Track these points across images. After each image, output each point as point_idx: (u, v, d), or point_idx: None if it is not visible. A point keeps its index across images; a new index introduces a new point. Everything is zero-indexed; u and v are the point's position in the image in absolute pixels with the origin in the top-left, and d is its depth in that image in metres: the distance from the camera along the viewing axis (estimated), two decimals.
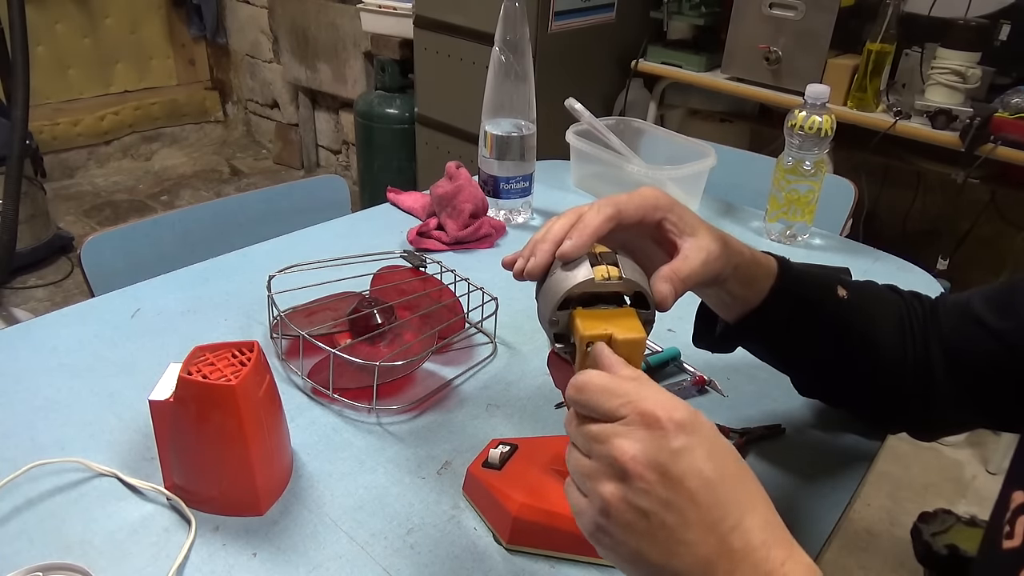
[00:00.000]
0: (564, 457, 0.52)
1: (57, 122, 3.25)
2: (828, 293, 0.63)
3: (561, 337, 0.53)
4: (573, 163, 1.25)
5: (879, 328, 0.63)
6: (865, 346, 0.63)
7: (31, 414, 0.69)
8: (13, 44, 2.27)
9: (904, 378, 0.63)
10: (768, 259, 0.61)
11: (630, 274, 0.51)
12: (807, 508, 0.64)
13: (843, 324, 0.63)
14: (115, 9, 3.40)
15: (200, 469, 0.59)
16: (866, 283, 0.67)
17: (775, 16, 1.89)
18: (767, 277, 0.60)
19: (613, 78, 2.24)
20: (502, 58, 1.03)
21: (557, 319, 0.51)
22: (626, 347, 0.47)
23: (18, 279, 2.57)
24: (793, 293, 0.60)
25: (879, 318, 0.64)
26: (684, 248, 0.54)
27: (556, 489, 0.58)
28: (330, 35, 3.07)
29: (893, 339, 0.63)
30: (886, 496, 1.83)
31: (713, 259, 0.54)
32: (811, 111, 1.02)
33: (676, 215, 0.54)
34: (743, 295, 0.59)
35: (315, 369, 0.74)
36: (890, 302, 0.66)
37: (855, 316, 0.63)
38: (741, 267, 0.57)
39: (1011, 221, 2.06)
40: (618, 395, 0.40)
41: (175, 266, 0.94)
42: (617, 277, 0.50)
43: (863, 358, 0.64)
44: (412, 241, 1.04)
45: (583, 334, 0.47)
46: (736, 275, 0.57)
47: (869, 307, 0.64)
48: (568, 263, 0.51)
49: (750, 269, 0.58)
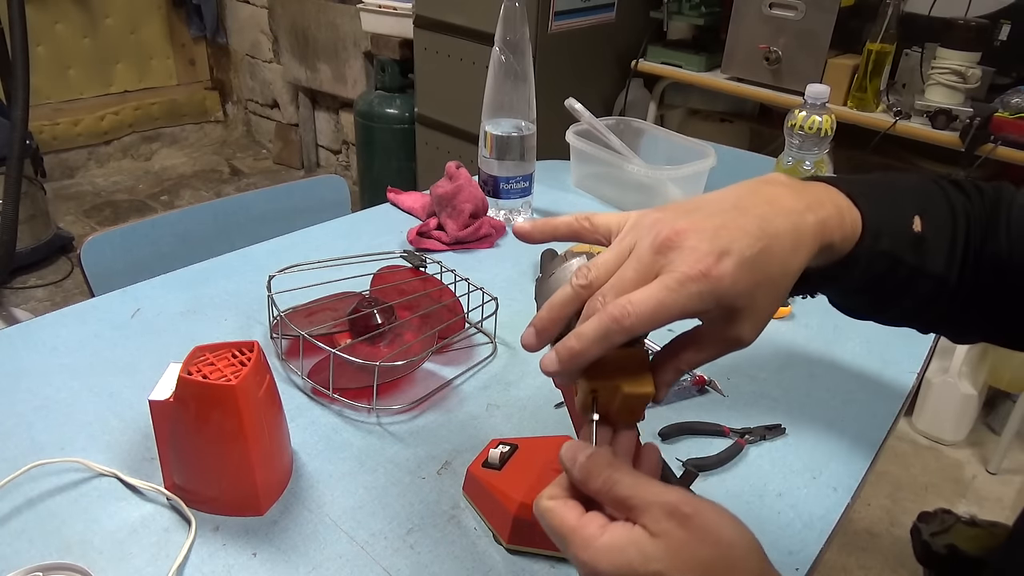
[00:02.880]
0: None
1: (57, 122, 3.25)
2: (902, 232, 0.50)
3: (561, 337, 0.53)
4: (573, 163, 1.25)
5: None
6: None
7: (31, 414, 0.69)
8: (13, 44, 2.27)
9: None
10: (851, 211, 0.48)
11: None
12: (807, 508, 0.64)
13: (914, 264, 0.51)
14: (115, 9, 3.40)
15: (200, 469, 0.59)
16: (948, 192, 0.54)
17: (775, 16, 1.89)
18: (842, 238, 0.48)
19: (613, 78, 2.24)
20: (502, 58, 1.03)
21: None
22: (630, 400, 0.44)
23: (18, 279, 2.57)
24: (871, 252, 0.49)
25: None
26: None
27: None
28: (330, 35, 3.07)
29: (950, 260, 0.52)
30: (886, 496, 1.83)
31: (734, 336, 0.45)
32: (811, 111, 1.02)
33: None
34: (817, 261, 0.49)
35: (315, 369, 0.74)
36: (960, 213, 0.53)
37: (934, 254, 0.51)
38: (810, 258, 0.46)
39: None
40: (572, 545, 0.39)
41: (175, 266, 0.94)
42: None
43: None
44: (412, 241, 1.04)
45: (588, 383, 0.44)
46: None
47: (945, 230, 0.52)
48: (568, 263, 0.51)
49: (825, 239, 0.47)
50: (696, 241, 0.42)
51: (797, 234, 0.44)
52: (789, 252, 0.44)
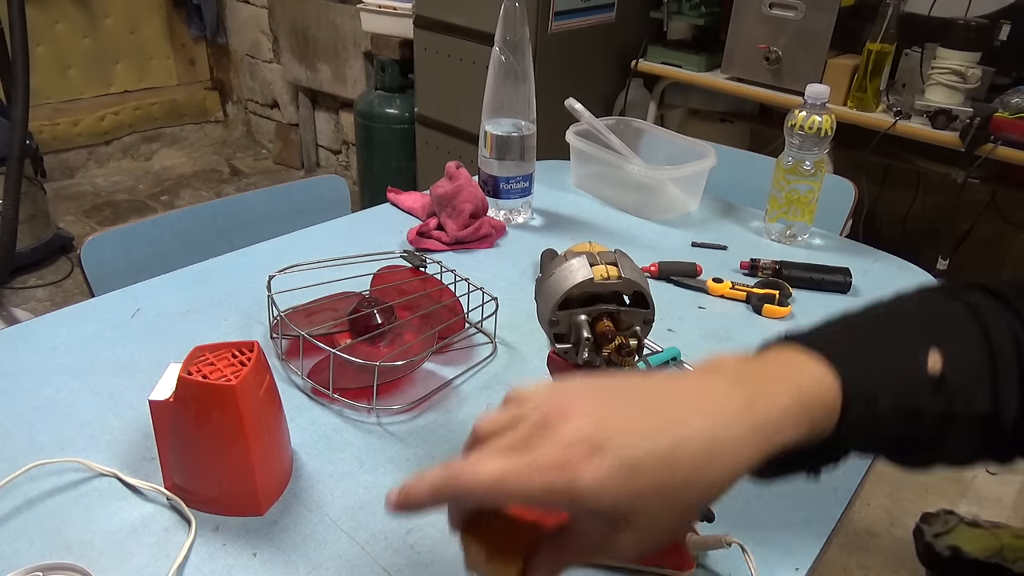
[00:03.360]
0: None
1: (57, 122, 3.25)
2: (918, 384, 0.41)
3: (561, 337, 0.53)
4: (573, 163, 1.25)
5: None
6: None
7: (31, 414, 0.69)
8: (13, 44, 2.27)
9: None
10: (828, 389, 0.40)
11: (629, 274, 0.51)
12: (807, 508, 0.64)
13: (944, 410, 0.41)
14: (115, 9, 3.40)
15: (200, 469, 0.59)
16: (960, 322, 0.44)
17: (775, 16, 1.89)
18: (825, 415, 0.40)
19: (613, 78, 2.24)
20: (502, 58, 1.03)
21: (557, 319, 0.51)
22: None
23: (18, 279, 2.57)
24: (871, 415, 0.41)
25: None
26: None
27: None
28: (330, 35, 3.07)
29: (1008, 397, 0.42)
30: (886, 496, 1.83)
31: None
32: (811, 111, 1.02)
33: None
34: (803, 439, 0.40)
35: (315, 369, 0.74)
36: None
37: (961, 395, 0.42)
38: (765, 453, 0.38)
39: (1011, 221, 2.06)
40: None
41: (175, 266, 0.94)
42: (616, 276, 0.50)
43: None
44: (412, 241, 1.04)
45: (464, 535, 0.39)
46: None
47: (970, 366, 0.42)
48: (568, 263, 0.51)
49: (792, 434, 0.39)
50: (577, 426, 0.35)
51: (713, 443, 0.36)
52: (701, 462, 0.36)
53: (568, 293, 0.50)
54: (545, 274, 0.53)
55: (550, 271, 0.52)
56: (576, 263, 0.51)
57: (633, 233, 1.12)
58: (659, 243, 1.09)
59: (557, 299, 0.50)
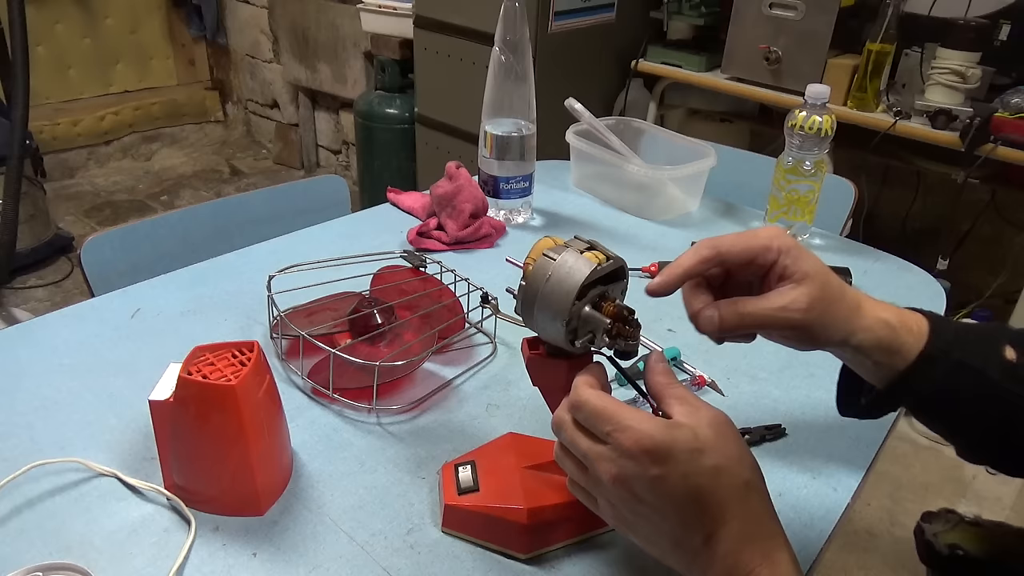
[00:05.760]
0: (527, 453, 0.61)
1: (57, 122, 3.25)
2: (992, 357, 0.52)
3: (573, 331, 0.52)
4: (573, 163, 1.25)
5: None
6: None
7: (31, 414, 0.69)
8: (13, 44, 2.27)
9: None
10: (918, 320, 0.52)
11: (610, 251, 0.53)
12: (807, 508, 0.64)
13: (1012, 392, 0.51)
14: (115, 9, 3.40)
15: (200, 469, 0.59)
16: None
17: (775, 16, 1.89)
18: (914, 340, 0.52)
19: (613, 78, 2.24)
20: (502, 58, 1.03)
21: (573, 313, 0.51)
22: None
23: (18, 279, 2.57)
24: (947, 359, 0.51)
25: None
26: (773, 291, 0.51)
27: (541, 482, 0.58)
28: (330, 35, 3.07)
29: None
30: (886, 496, 1.83)
31: (794, 309, 0.50)
32: (811, 111, 1.02)
33: (791, 258, 0.51)
34: (887, 361, 0.52)
35: (315, 369, 0.74)
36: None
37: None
38: (863, 331, 0.51)
39: (1011, 221, 2.06)
40: (609, 422, 0.46)
41: (175, 266, 0.94)
42: (606, 259, 0.52)
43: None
44: (412, 241, 1.04)
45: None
46: (862, 340, 0.51)
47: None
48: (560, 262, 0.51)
49: (882, 332, 0.51)
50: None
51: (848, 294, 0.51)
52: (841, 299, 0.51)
53: (586, 281, 0.50)
54: (534, 281, 0.52)
55: (541, 276, 0.51)
56: (570, 259, 0.51)
57: (633, 233, 1.12)
58: (659, 243, 1.09)
59: (571, 298, 0.50)
